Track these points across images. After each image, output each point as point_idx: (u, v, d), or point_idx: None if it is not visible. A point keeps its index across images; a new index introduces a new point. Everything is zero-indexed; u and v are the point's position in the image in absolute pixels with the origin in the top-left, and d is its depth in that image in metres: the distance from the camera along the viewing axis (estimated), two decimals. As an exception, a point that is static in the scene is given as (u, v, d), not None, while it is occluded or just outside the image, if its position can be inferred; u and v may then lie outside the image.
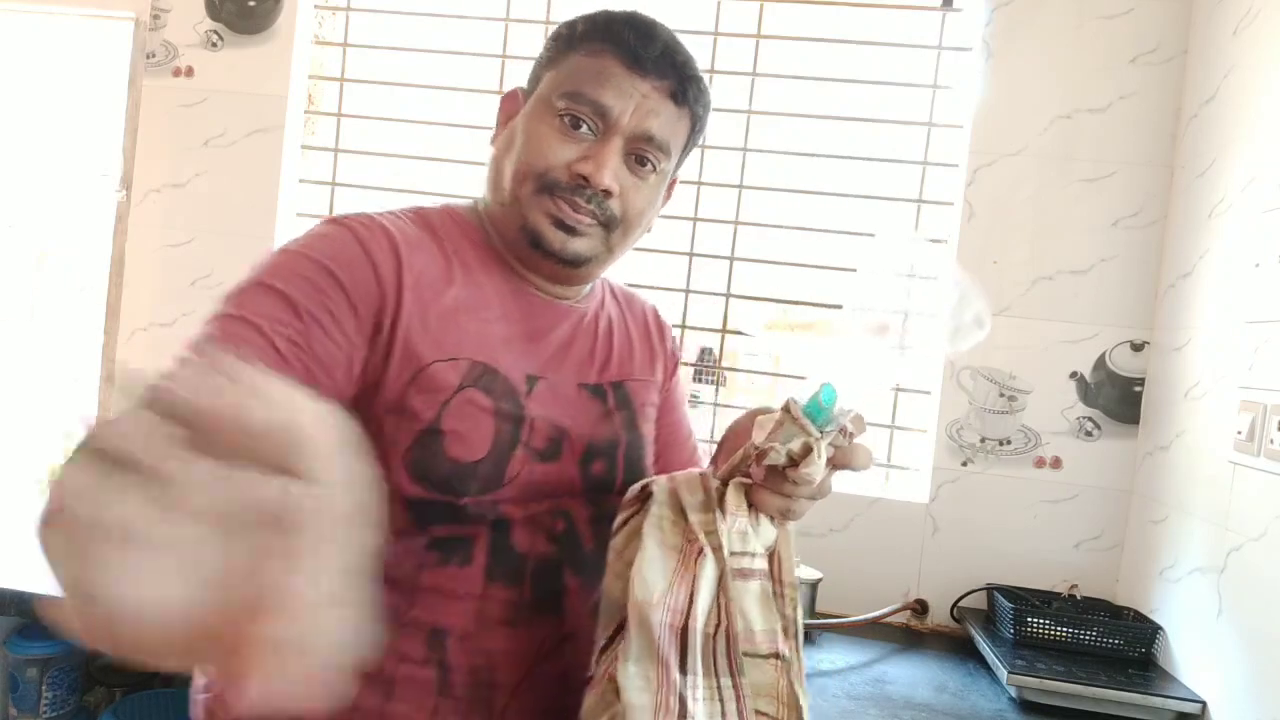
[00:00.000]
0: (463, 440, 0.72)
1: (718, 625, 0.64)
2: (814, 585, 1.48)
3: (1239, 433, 1.18)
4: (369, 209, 0.78)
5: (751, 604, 0.65)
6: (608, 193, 0.76)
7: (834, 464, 0.65)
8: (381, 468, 0.71)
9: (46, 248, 2.02)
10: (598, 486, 0.81)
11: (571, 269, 0.79)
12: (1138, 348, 1.52)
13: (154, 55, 1.78)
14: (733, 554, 0.65)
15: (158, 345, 1.78)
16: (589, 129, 0.76)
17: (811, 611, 1.47)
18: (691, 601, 0.63)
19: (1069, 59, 1.54)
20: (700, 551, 0.64)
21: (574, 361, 0.82)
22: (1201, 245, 1.38)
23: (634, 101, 0.76)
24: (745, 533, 0.66)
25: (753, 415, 0.73)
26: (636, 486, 0.71)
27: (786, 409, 0.63)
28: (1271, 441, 1.10)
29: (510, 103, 0.83)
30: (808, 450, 0.62)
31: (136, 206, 1.80)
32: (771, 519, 0.68)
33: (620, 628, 0.66)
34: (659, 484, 0.70)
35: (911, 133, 1.66)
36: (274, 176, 1.77)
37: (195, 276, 1.78)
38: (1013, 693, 1.25)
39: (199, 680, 0.77)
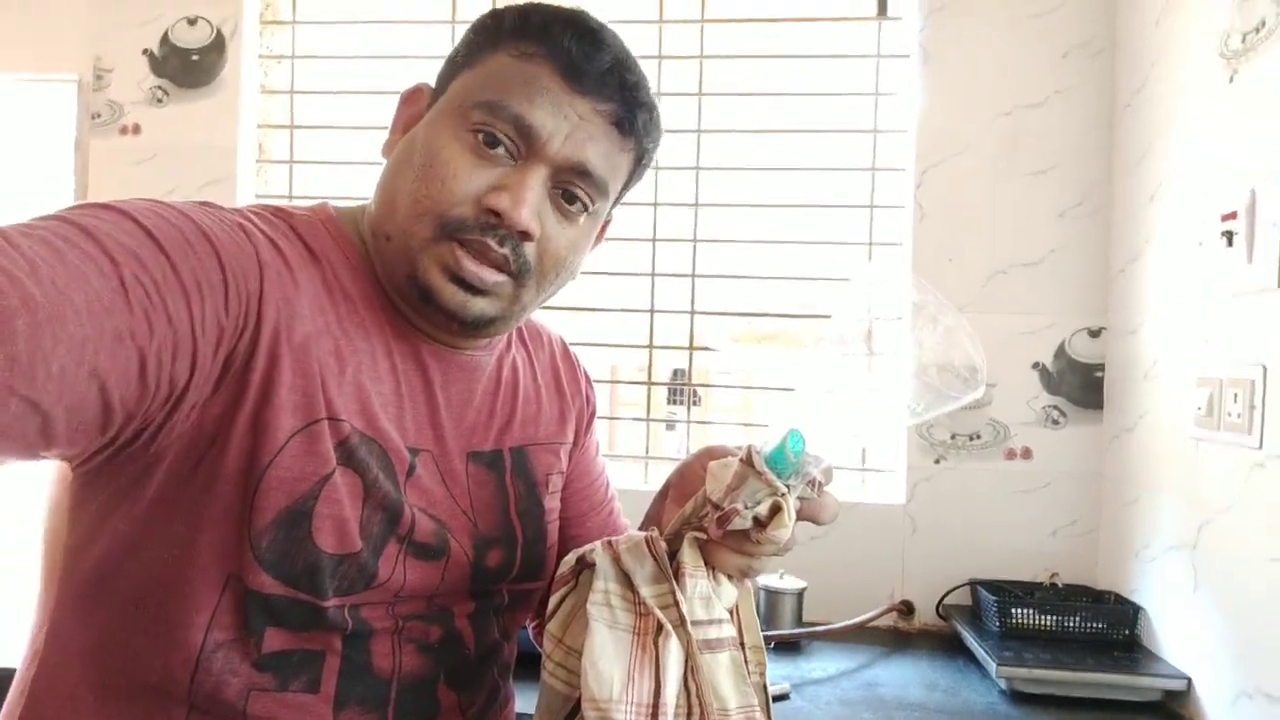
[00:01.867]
0: (338, 528, 0.58)
1: (688, 715, 0.56)
2: (799, 594, 1.47)
3: (1199, 409, 1.20)
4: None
5: (724, 679, 0.57)
6: (525, 235, 0.61)
7: (799, 517, 0.58)
8: (199, 537, 0.56)
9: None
10: (491, 578, 0.69)
11: (471, 331, 0.66)
12: (1095, 334, 1.55)
13: (99, 115, 1.77)
14: (696, 623, 0.57)
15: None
16: (507, 151, 0.61)
17: (798, 620, 1.47)
18: (658, 692, 0.55)
19: (1004, 58, 1.58)
20: (659, 628, 0.56)
21: (468, 426, 0.69)
22: (1145, 230, 1.41)
23: (569, 124, 0.61)
24: (708, 597, 0.58)
25: (702, 458, 0.64)
26: (571, 559, 0.62)
27: (749, 460, 0.55)
28: (1230, 414, 1.13)
29: (411, 102, 0.68)
30: (776, 510, 0.55)
31: (90, 268, 1.77)
32: (730, 577, 0.60)
33: None
34: (599, 554, 0.60)
35: (858, 140, 1.69)
36: (229, 228, 1.76)
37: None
38: (1003, 685, 1.25)
39: None
